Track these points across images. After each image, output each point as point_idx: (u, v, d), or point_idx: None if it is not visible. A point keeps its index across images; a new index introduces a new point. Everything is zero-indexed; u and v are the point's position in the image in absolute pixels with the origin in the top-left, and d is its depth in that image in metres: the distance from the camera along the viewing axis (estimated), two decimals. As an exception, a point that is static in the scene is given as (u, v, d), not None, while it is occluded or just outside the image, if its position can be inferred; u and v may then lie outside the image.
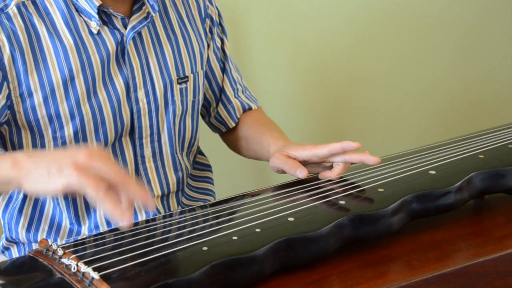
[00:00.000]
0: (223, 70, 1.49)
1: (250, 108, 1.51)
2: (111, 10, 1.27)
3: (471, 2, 2.24)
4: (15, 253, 1.37)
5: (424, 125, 2.25)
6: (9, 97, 1.23)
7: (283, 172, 1.27)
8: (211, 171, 1.53)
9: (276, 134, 1.40)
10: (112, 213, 0.92)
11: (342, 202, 1.09)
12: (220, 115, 1.50)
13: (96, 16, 1.25)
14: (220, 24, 1.48)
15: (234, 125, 1.50)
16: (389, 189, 1.11)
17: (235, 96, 1.50)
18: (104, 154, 0.96)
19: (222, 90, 1.49)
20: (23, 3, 1.24)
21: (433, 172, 1.16)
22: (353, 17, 2.10)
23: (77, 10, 1.26)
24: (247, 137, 1.48)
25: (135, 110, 1.31)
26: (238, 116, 1.49)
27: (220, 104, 1.49)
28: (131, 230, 1.03)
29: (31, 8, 1.24)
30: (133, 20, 1.29)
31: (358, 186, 1.14)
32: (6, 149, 1.29)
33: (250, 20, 1.99)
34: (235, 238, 0.99)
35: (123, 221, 0.92)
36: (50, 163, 0.96)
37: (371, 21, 2.12)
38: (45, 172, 0.95)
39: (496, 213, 1.17)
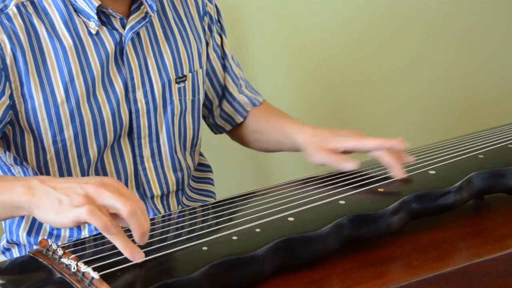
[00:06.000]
0: (224, 67, 1.49)
1: (259, 103, 1.51)
2: (110, 10, 1.26)
3: (471, 2, 2.24)
4: (16, 253, 1.37)
5: (424, 125, 2.25)
6: (11, 97, 1.22)
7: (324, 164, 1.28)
8: (211, 172, 1.53)
9: (295, 122, 1.41)
10: (123, 252, 0.93)
11: (342, 202, 1.09)
12: (226, 112, 1.50)
13: (95, 16, 1.25)
14: (219, 21, 1.48)
15: (241, 120, 1.50)
16: (389, 189, 1.11)
17: (239, 92, 1.50)
18: (115, 184, 0.95)
19: (224, 87, 1.49)
20: (22, 3, 1.23)
21: (433, 172, 1.16)
22: (353, 17, 2.10)
23: (75, 11, 1.25)
24: (259, 129, 1.48)
25: (133, 110, 1.31)
26: (248, 110, 1.50)
27: (224, 101, 1.49)
28: (130, 230, 1.03)
29: (30, 9, 1.23)
30: (132, 20, 1.29)
31: (358, 186, 1.14)
32: (9, 150, 1.29)
33: (250, 21, 1.99)
34: (235, 238, 0.99)
35: (134, 259, 0.93)
36: (61, 194, 0.95)
37: (371, 22, 2.12)
38: (56, 203, 0.94)
39: (496, 213, 1.17)
